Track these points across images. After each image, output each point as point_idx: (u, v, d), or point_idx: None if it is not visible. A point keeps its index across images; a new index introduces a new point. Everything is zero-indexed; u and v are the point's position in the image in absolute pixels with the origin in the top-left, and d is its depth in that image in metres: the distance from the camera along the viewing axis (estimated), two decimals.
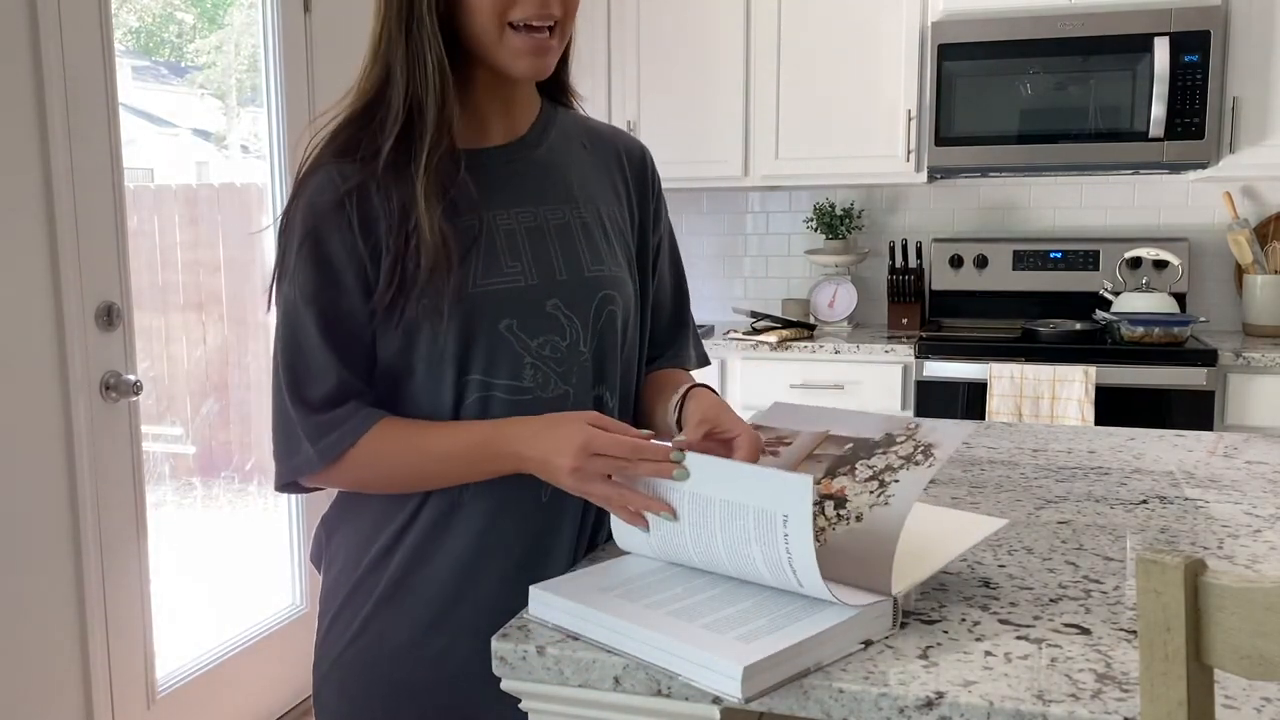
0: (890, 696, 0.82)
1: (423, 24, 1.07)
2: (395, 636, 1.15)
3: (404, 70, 1.09)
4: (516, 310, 1.12)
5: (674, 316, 1.36)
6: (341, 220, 1.09)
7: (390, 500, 1.16)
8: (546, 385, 1.13)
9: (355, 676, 1.17)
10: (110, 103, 2.21)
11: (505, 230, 1.14)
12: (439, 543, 1.14)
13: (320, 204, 1.09)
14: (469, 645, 1.13)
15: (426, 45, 1.07)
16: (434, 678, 1.15)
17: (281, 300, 1.13)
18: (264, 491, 2.90)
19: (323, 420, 1.10)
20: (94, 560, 2.20)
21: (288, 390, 1.11)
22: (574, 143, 1.24)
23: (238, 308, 2.79)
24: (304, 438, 1.10)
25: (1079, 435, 1.75)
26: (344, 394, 1.10)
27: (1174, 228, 3.51)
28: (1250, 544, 1.18)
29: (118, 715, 2.28)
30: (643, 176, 1.29)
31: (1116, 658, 0.88)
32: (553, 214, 1.17)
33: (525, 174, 1.17)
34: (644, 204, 1.29)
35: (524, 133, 1.19)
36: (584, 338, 1.16)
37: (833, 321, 3.63)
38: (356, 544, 1.18)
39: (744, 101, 3.49)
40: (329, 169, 1.11)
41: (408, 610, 1.15)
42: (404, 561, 1.15)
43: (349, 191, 1.09)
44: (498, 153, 1.17)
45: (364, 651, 1.16)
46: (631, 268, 1.24)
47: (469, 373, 1.11)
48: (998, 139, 3.21)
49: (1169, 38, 3.04)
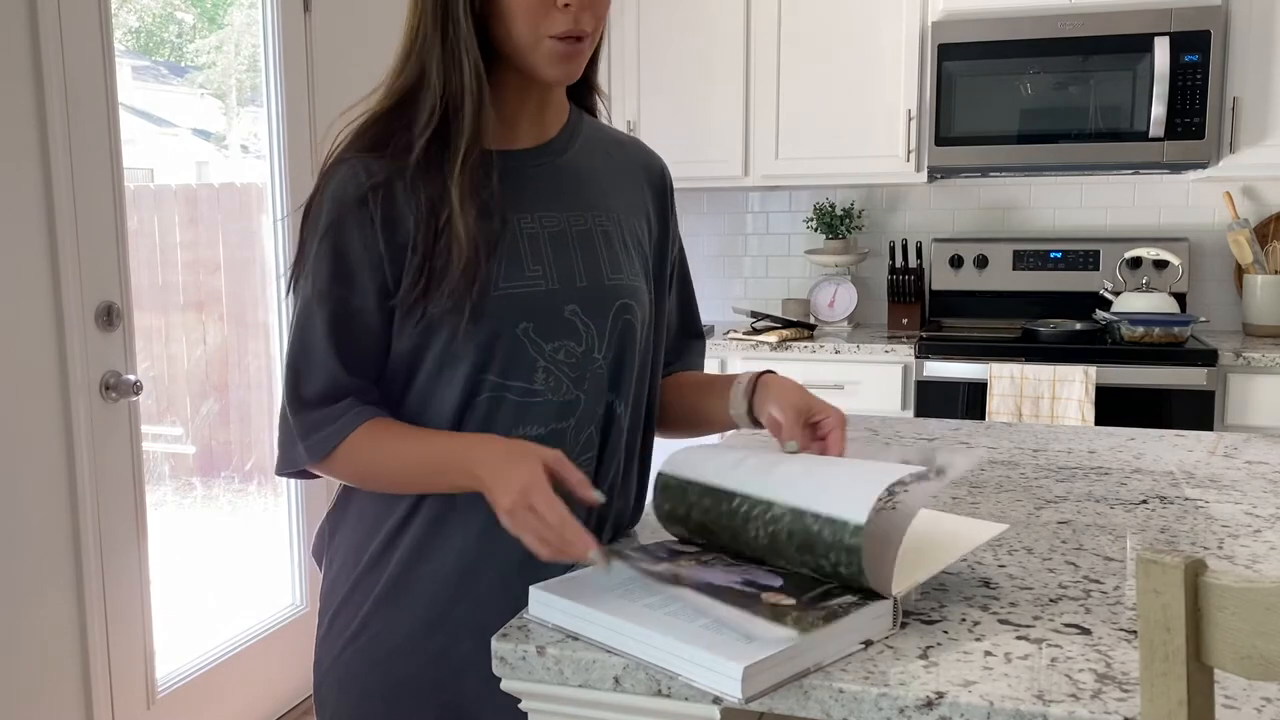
0: (890, 696, 0.82)
1: (459, 26, 1.07)
2: (394, 635, 1.16)
3: (439, 71, 1.09)
4: (535, 314, 1.12)
5: (685, 327, 1.37)
6: (364, 215, 1.09)
7: (389, 498, 1.16)
8: (559, 389, 1.14)
9: (355, 674, 1.17)
10: (110, 103, 2.21)
11: (529, 233, 1.14)
12: (438, 541, 1.15)
13: (344, 197, 1.10)
14: (468, 644, 1.14)
15: (463, 47, 1.08)
16: (433, 676, 1.15)
17: (298, 296, 1.14)
18: (264, 491, 2.90)
19: (314, 417, 1.11)
20: (94, 560, 2.20)
21: (288, 386, 1.13)
22: (599, 151, 1.24)
23: (238, 308, 2.79)
24: (295, 432, 1.12)
25: (1079, 435, 1.75)
26: (338, 391, 1.11)
27: (1174, 228, 3.51)
28: (1250, 544, 1.18)
29: (118, 715, 2.28)
30: (662, 192, 1.30)
31: (1116, 658, 0.88)
32: (576, 220, 1.18)
33: (551, 178, 1.18)
34: (664, 220, 1.30)
35: (552, 137, 1.20)
36: (599, 345, 1.16)
37: (833, 321, 3.63)
38: (356, 542, 1.19)
39: (744, 101, 3.49)
40: (354, 163, 1.11)
41: (407, 608, 1.15)
42: (403, 560, 1.15)
43: (374, 187, 1.09)
44: (524, 155, 1.17)
45: (364, 649, 1.17)
46: (648, 279, 1.25)
47: (481, 372, 1.11)
48: (998, 139, 3.21)
49: (1169, 38, 3.04)
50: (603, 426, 1.18)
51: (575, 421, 1.15)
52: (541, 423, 1.14)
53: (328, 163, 1.13)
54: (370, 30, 3.00)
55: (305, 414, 1.11)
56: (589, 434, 1.17)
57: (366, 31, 2.99)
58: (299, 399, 1.12)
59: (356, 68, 2.94)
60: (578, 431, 1.16)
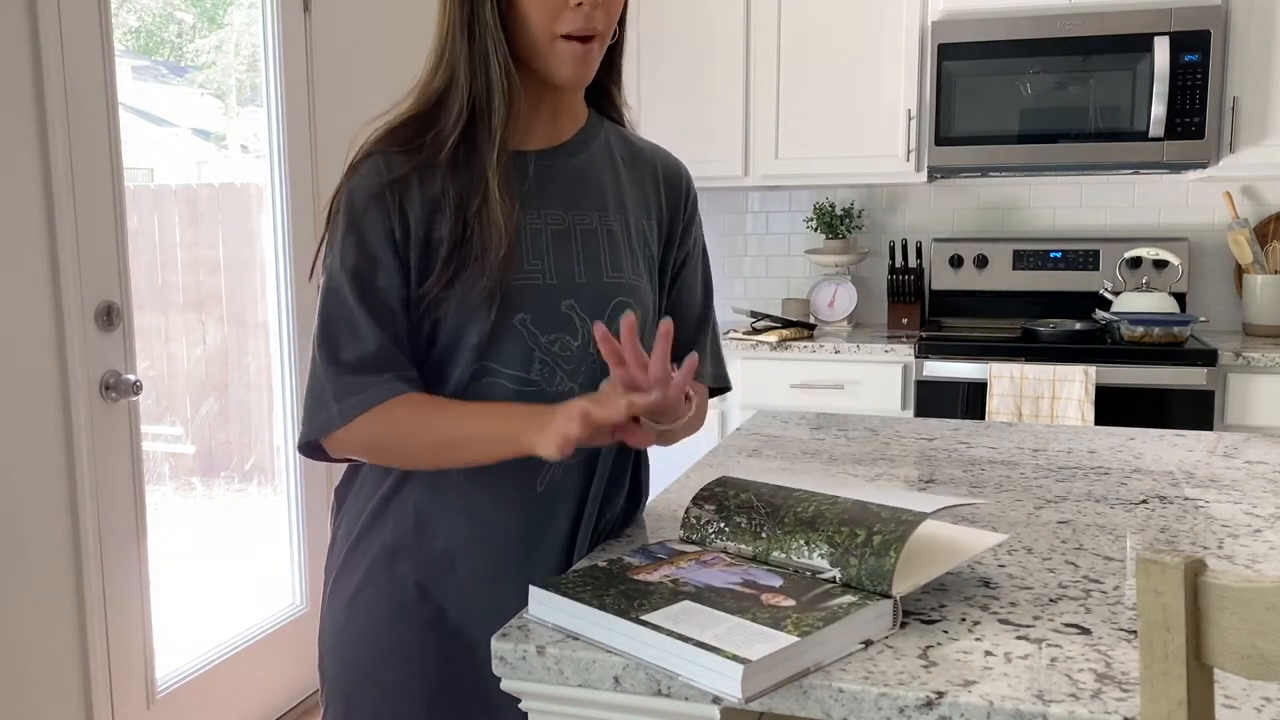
0: (890, 696, 0.82)
1: (486, 27, 1.11)
2: (388, 600, 1.19)
3: (467, 72, 1.12)
4: (532, 305, 1.15)
5: (694, 331, 1.35)
6: (383, 208, 1.13)
7: (382, 469, 1.19)
8: (553, 380, 1.17)
9: (350, 639, 1.21)
10: (110, 102, 2.21)
11: (532, 231, 1.17)
12: (431, 509, 1.18)
13: (364, 189, 1.13)
14: (459, 611, 1.17)
15: (491, 47, 1.12)
16: (424, 642, 1.18)
17: (326, 273, 1.16)
18: (264, 491, 2.90)
19: (353, 380, 1.11)
20: (94, 560, 2.20)
21: (322, 353, 1.13)
22: (614, 156, 1.27)
23: (238, 307, 2.79)
24: (330, 396, 1.12)
25: (1079, 435, 1.75)
26: (382, 362, 1.12)
27: (1174, 228, 3.51)
28: (1250, 544, 1.18)
29: (118, 715, 2.28)
30: (677, 194, 1.32)
31: (1116, 658, 0.88)
32: (581, 219, 1.21)
33: (559, 179, 1.21)
34: (674, 220, 1.32)
35: (565, 139, 1.23)
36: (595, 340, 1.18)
37: (833, 321, 3.63)
38: (358, 509, 1.22)
39: (744, 101, 3.49)
40: (378, 158, 1.15)
41: (400, 574, 1.19)
42: (397, 526, 1.19)
43: (394, 181, 1.13)
44: (535, 157, 1.20)
45: (358, 615, 1.20)
46: (652, 278, 1.27)
47: (480, 359, 1.14)
48: (998, 139, 3.21)
49: (1169, 37, 3.04)
50: None
51: None
52: None
53: (355, 157, 1.16)
54: (370, 30, 2.99)
55: (344, 376, 1.11)
56: None
57: (366, 31, 2.99)
58: (339, 362, 1.12)
59: (356, 68, 2.94)
60: None
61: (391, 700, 1.19)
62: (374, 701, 1.19)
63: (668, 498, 1.40)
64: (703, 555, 1.06)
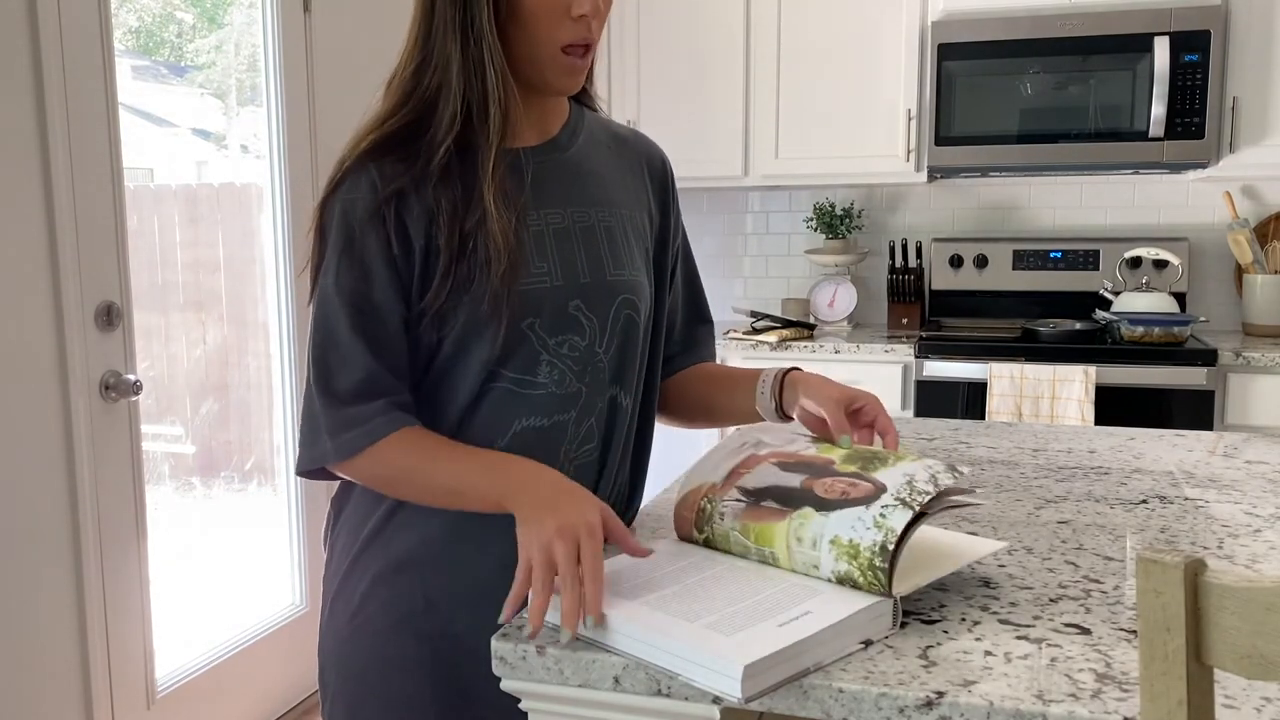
0: (890, 696, 0.82)
1: (483, 36, 1.09)
2: (391, 613, 1.17)
3: (460, 78, 1.10)
4: (542, 310, 1.14)
5: (694, 314, 1.40)
6: (378, 221, 1.10)
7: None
8: (562, 382, 1.16)
9: (353, 653, 1.19)
10: (110, 103, 2.21)
11: (534, 231, 1.15)
12: (434, 520, 1.16)
13: (358, 202, 1.11)
14: (465, 622, 1.16)
15: (487, 54, 1.09)
16: (430, 654, 1.17)
17: (318, 293, 1.13)
18: (264, 491, 2.90)
19: (346, 415, 1.09)
20: (94, 560, 2.20)
21: (316, 380, 1.11)
22: (601, 145, 1.26)
23: (238, 307, 2.79)
24: (324, 429, 1.10)
25: (1079, 435, 1.75)
26: (374, 388, 1.10)
27: (1174, 227, 3.51)
28: (1250, 544, 1.18)
29: (118, 715, 2.28)
30: (664, 184, 1.32)
31: (1116, 658, 0.88)
32: (579, 216, 1.20)
33: (554, 176, 1.20)
34: (665, 212, 1.31)
35: (554, 134, 1.22)
36: (601, 339, 1.18)
37: (833, 321, 3.63)
38: (356, 522, 1.21)
39: (744, 101, 3.49)
40: (370, 169, 1.11)
41: (403, 587, 1.17)
42: (400, 539, 1.17)
43: (390, 195, 1.10)
44: (529, 153, 1.19)
45: (362, 628, 1.18)
46: (650, 271, 1.27)
47: (490, 365, 1.13)
48: (998, 139, 3.21)
49: (1169, 37, 3.04)
50: (607, 419, 1.21)
51: (576, 414, 1.18)
52: (544, 414, 1.16)
53: (343, 166, 1.13)
54: (370, 30, 3.00)
55: (338, 409, 1.09)
56: (589, 426, 1.19)
57: (366, 31, 2.99)
58: (331, 393, 1.10)
59: (356, 68, 2.94)
60: (579, 423, 1.18)
61: (399, 712, 1.17)
62: (380, 714, 1.18)
63: (668, 498, 1.39)
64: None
